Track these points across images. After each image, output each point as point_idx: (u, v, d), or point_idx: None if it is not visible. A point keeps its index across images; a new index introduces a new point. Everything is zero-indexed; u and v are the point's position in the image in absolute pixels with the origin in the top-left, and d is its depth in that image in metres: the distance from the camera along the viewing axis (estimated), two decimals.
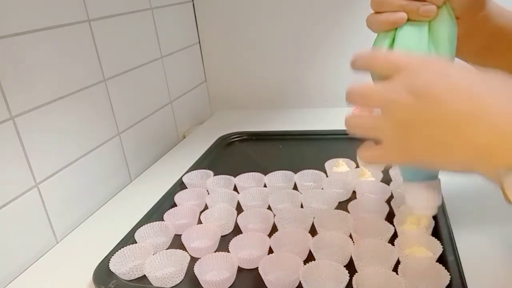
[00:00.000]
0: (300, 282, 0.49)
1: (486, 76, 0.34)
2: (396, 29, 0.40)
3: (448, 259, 0.50)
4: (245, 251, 0.57)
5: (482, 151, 0.32)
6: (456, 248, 0.52)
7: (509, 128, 0.31)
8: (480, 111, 0.32)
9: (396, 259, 0.51)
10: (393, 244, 0.53)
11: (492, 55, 0.46)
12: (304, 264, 0.51)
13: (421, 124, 0.34)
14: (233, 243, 0.57)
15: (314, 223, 0.60)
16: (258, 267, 0.51)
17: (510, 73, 0.45)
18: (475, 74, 0.35)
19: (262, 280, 0.51)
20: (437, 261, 0.50)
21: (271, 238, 0.57)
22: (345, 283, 0.48)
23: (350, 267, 0.51)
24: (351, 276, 0.48)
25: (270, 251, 0.56)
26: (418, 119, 0.34)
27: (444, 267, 0.48)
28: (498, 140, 0.31)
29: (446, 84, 0.33)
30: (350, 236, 0.56)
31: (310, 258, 0.54)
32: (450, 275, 0.47)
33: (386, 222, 0.57)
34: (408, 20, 0.39)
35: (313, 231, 0.59)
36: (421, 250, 0.52)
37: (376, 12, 0.40)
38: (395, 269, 0.49)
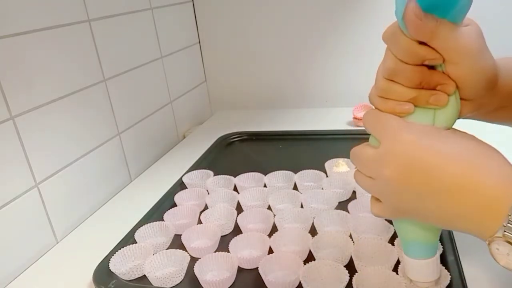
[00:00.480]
0: (300, 282, 0.49)
1: (474, 147, 0.36)
2: None
3: (448, 259, 0.50)
4: (245, 251, 0.57)
5: (470, 222, 0.34)
6: (456, 248, 0.52)
7: (494, 202, 0.33)
8: (470, 187, 0.34)
9: (396, 259, 0.51)
10: (393, 244, 0.53)
11: (503, 112, 0.45)
12: (304, 264, 0.51)
13: (410, 197, 0.36)
14: (233, 243, 0.57)
15: (314, 223, 0.60)
16: (258, 267, 0.51)
17: None
18: (462, 145, 0.36)
19: (262, 280, 0.51)
20: None
21: (271, 238, 0.57)
22: (345, 283, 0.48)
23: (350, 267, 0.51)
24: (351, 276, 0.48)
25: (270, 251, 0.56)
26: (407, 193, 0.36)
27: (444, 267, 0.48)
28: (484, 214, 0.33)
29: (435, 157, 0.35)
30: (350, 236, 0.56)
31: (310, 258, 0.54)
32: (450, 275, 0.47)
33: (386, 222, 0.57)
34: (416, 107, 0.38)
35: (313, 231, 0.59)
36: None
37: (381, 96, 0.40)
38: (395, 269, 0.49)
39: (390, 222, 0.57)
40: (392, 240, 0.54)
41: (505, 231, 0.32)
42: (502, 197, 0.33)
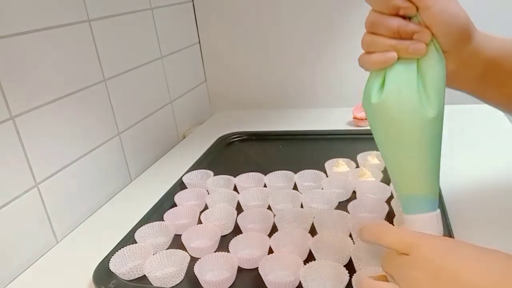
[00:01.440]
0: (300, 282, 0.49)
1: (493, 257, 0.35)
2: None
3: None
4: (245, 251, 0.57)
5: None
6: None
7: None
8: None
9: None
10: None
11: (489, 86, 0.46)
12: (304, 264, 0.51)
13: None
14: (233, 243, 0.57)
15: (314, 223, 0.60)
16: (258, 267, 0.51)
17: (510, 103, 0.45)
18: (482, 253, 0.35)
19: (262, 280, 0.51)
20: None
21: (271, 238, 0.57)
22: (345, 283, 0.48)
23: (350, 267, 0.51)
24: (351, 276, 0.48)
25: (270, 251, 0.56)
26: None
27: None
28: None
29: (460, 262, 0.34)
30: (350, 236, 0.56)
31: (310, 258, 0.54)
32: None
33: (386, 222, 0.57)
34: (399, 58, 0.39)
35: (313, 231, 0.59)
36: None
37: (367, 52, 0.41)
38: None
39: (390, 221, 0.58)
40: None
41: None
42: None
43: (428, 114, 0.39)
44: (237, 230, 0.62)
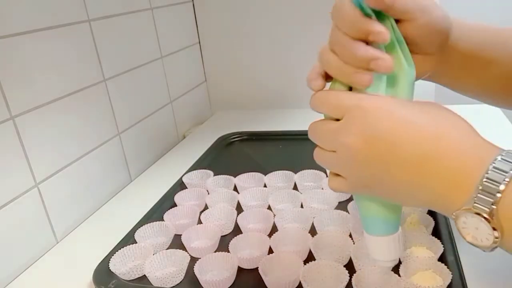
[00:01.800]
0: (300, 282, 0.49)
1: (436, 114, 0.35)
2: None
3: (448, 259, 0.50)
4: (245, 251, 0.57)
5: (436, 195, 0.33)
6: (456, 248, 0.52)
7: (460, 173, 0.32)
8: (432, 155, 0.33)
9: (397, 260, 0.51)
10: None
11: (466, 77, 0.46)
12: (304, 264, 0.51)
13: (375, 166, 0.35)
14: (233, 243, 0.57)
15: (314, 223, 0.60)
16: (258, 267, 0.51)
17: (495, 89, 0.46)
18: (423, 112, 0.35)
19: (262, 280, 0.51)
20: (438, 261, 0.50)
21: (271, 238, 0.57)
22: (345, 283, 0.48)
23: (350, 267, 0.51)
24: (351, 276, 0.48)
25: (270, 251, 0.56)
26: (372, 161, 0.35)
27: (445, 267, 0.48)
28: (450, 186, 0.32)
29: (391, 124, 0.34)
30: (350, 236, 0.56)
31: (310, 258, 0.54)
32: (451, 274, 0.47)
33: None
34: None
35: (313, 231, 0.59)
36: (422, 249, 0.52)
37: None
38: (395, 269, 0.49)
39: None
40: None
41: (475, 203, 0.31)
42: (465, 168, 0.32)
43: None
44: (237, 230, 0.62)
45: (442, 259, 0.50)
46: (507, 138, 0.84)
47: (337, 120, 0.37)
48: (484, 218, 0.31)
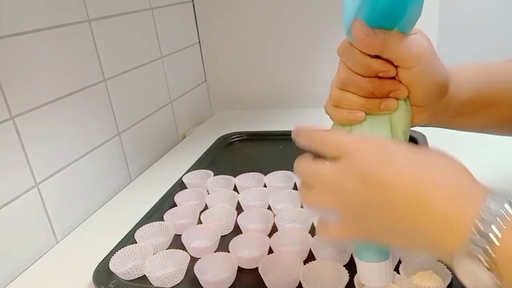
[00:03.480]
0: (300, 282, 0.49)
1: (430, 158, 0.35)
2: None
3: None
4: (245, 251, 0.57)
5: (431, 239, 0.32)
6: None
7: (453, 217, 0.31)
8: (426, 199, 0.32)
9: (398, 259, 0.51)
10: None
11: (469, 119, 0.46)
12: (304, 264, 0.51)
13: (370, 209, 0.34)
14: (233, 243, 0.57)
15: (314, 223, 0.60)
16: (258, 267, 0.51)
17: (496, 125, 0.46)
18: (418, 156, 0.35)
19: (262, 280, 0.51)
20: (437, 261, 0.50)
21: (271, 238, 0.57)
22: (345, 283, 0.48)
23: (351, 267, 0.51)
24: (351, 276, 0.48)
25: (270, 251, 0.56)
26: (367, 205, 0.34)
27: (445, 266, 0.48)
28: (444, 230, 0.31)
29: (390, 169, 0.34)
30: None
31: (310, 258, 0.54)
32: (451, 274, 0.47)
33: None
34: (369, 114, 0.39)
35: (313, 231, 0.59)
36: None
37: (335, 106, 0.41)
38: (396, 268, 0.49)
39: None
40: None
41: (470, 245, 0.30)
42: (459, 212, 0.31)
43: None
44: (237, 230, 0.62)
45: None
46: (507, 138, 0.84)
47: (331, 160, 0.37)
48: (480, 260, 0.30)
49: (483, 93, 0.44)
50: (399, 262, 0.50)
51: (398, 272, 0.48)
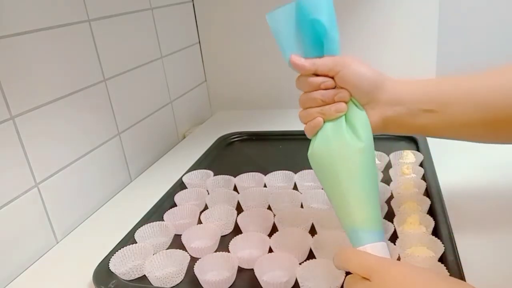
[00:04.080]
0: (296, 281, 0.50)
1: (449, 284, 0.37)
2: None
3: (448, 259, 0.50)
4: (245, 251, 0.57)
5: None
6: (456, 248, 0.52)
7: None
8: None
9: (397, 258, 0.51)
10: (394, 244, 0.53)
11: (421, 121, 0.49)
12: (301, 264, 0.51)
13: None
14: (233, 243, 0.57)
15: (314, 223, 0.60)
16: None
17: (451, 127, 0.48)
18: (438, 283, 0.37)
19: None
20: (438, 261, 0.50)
21: (271, 238, 0.57)
22: (341, 281, 0.48)
23: None
24: (347, 275, 0.48)
25: (270, 251, 0.56)
26: None
27: (444, 266, 0.48)
28: None
29: None
30: None
31: (310, 258, 0.54)
32: (449, 275, 0.47)
33: (386, 221, 0.57)
34: (330, 120, 0.49)
35: (313, 231, 0.59)
36: (422, 249, 0.52)
37: (304, 123, 0.51)
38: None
39: (390, 221, 0.57)
40: (392, 240, 0.54)
41: None
42: None
43: (357, 145, 0.46)
44: (237, 230, 0.62)
45: (442, 259, 0.51)
46: None
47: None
48: None
49: (431, 91, 0.48)
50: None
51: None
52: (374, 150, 0.48)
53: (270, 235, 0.58)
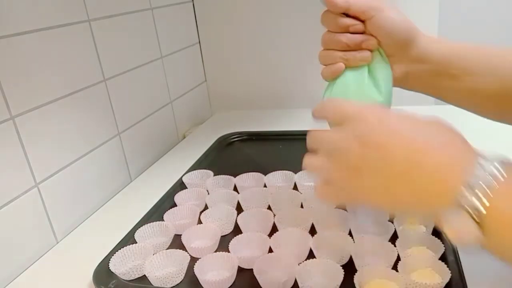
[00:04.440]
0: (295, 281, 0.50)
1: (425, 122, 0.37)
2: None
3: (448, 259, 0.50)
4: (245, 251, 0.57)
5: (423, 197, 0.34)
6: (456, 248, 0.52)
7: (447, 174, 0.33)
8: (420, 159, 0.34)
9: (396, 257, 0.51)
10: (394, 244, 0.53)
11: (442, 84, 0.48)
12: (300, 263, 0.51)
13: (366, 170, 0.36)
14: (233, 243, 0.57)
15: (314, 223, 0.60)
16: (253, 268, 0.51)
17: (475, 100, 0.49)
18: (413, 121, 0.37)
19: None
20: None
21: (271, 238, 0.57)
22: (340, 281, 0.48)
23: (346, 265, 0.51)
24: (350, 275, 0.48)
25: (270, 251, 0.56)
26: (363, 165, 0.36)
27: (445, 264, 0.48)
28: (438, 186, 0.33)
29: (388, 131, 0.36)
30: (350, 235, 0.56)
31: (310, 258, 0.54)
32: (450, 273, 0.47)
33: (386, 222, 0.57)
34: (351, 67, 0.46)
35: (313, 231, 0.59)
36: (422, 249, 0.52)
37: (324, 65, 0.48)
38: (395, 265, 0.50)
39: (390, 221, 0.58)
40: (392, 240, 0.54)
41: (462, 200, 0.32)
42: (454, 168, 0.33)
43: (376, 99, 0.45)
44: (237, 230, 0.62)
45: (442, 259, 0.51)
46: (507, 138, 0.84)
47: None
48: (470, 214, 0.32)
49: (456, 61, 0.47)
50: (398, 259, 0.51)
51: (396, 270, 0.48)
52: (391, 106, 0.46)
53: (270, 235, 0.58)
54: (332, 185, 0.39)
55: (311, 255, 0.55)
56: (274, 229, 0.61)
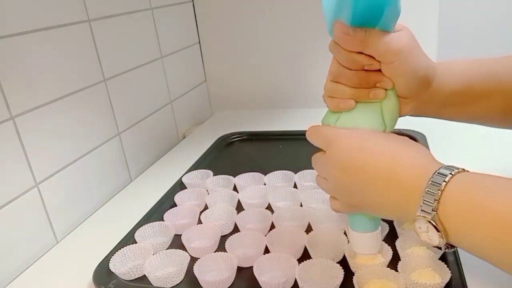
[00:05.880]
0: (295, 281, 0.50)
1: (396, 143, 0.42)
2: None
3: (448, 259, 0.50)
4: (241, 250, 0.57)
5: (399, 208, 0.40)
6: (456, 248, 0.52)
7: (411, 186, 0.38)
8: (392, 177, 0.39)
9: (391, 256, 0.51)
10: (394, 244, 0.53)
11: (450, 111, 0.49)
12: (299, 262, 0.51)
13: (351, 190, 0.43)
14: (229, 242, 0.57)
15: (310, 221, 0.60)
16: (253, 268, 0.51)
17: (483, 119, 0.50)
18: (387, 143, 0.42)
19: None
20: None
21: (266, 236, 0.57)
22: (340, 280, 0.48)
23: (346, 265, 0.51)
24: (350, 275, 0.48)
25: (267, 249, 0.56)
26: (349, 187, 0.43)
27: (445, 264, 0.48)
28: (406, 198, 0.39)
29: (365, 156, 0.41)
30: (345, 233, 0.56)
31: (305, 255, 0.54)
32: (450, 273, 0.47)
33: (382, 222, 0.57)
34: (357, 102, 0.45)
35: (308, 229, 0.60)
36: (422, 249, 0.52)
37: (329, 96, 0.46)
38: (395, 265, 0.50)
39: (387, 221, 0.58)
40: (392, 240, 0.54)
41: (421, 210, 0.37)
42: (416, 181, 0.38)
43: (383, 130, 0.44)
44: (237, 230, 0.62)
45: (442, 259, 0.50)
46: (507, 137, 0.84)
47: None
48: (429, 221, 0.36)
49: (472, 85, 0.47)
50: (398, 259, 0.51)
51: (396, 270, 0.48)
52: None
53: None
54: (336, 199, 0.46)
55: (306, 252, 0.55)
56: (273, 228, 0.61)
